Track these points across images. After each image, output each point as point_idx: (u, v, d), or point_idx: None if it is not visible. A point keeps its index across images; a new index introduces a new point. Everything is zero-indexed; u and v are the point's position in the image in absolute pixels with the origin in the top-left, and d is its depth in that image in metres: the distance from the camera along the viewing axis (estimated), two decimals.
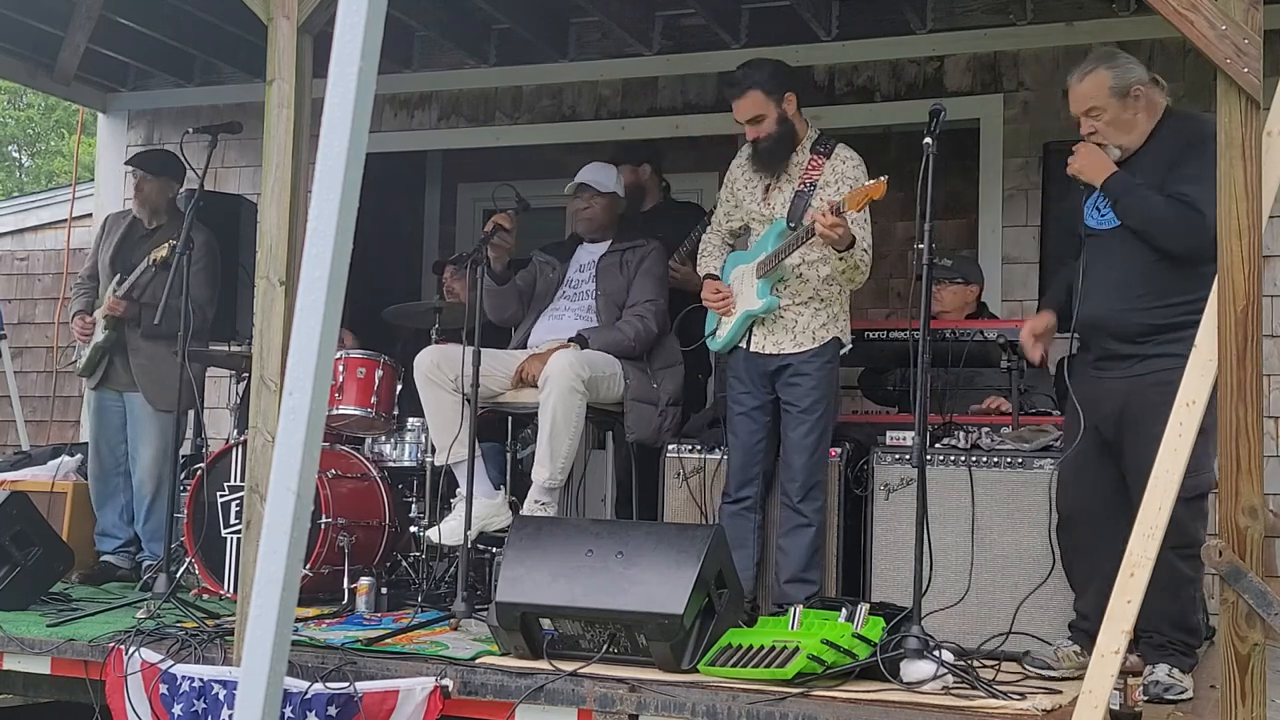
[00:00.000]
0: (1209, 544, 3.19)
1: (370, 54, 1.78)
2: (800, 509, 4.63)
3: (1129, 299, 3.85)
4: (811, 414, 4.64)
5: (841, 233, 4.35)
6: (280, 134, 4.13)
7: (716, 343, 4.86)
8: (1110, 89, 3.91)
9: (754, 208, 4.81)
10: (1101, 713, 3.10)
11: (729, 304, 4.79)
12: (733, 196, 4.91)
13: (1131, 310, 3.85)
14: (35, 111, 20.59)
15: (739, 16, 6.51)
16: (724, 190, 4.98)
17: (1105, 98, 3.92)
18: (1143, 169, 3.89)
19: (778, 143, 4.70)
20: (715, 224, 5.01)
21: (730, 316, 4.79)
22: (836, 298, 4.74)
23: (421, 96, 7.32)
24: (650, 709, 3.64)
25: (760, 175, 4.81)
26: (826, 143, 4.73)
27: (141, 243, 6.05)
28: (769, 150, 4.72)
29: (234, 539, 5.19)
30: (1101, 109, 3.93)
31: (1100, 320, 3.91)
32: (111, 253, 6.09)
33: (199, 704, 4.00)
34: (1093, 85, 3.94)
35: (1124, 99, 3.91)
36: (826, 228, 4.31)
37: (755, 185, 4.83)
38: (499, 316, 5.40)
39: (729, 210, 4.93)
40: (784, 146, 4.72)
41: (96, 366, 6.03)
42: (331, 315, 1.79)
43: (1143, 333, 3.84)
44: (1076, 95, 3.97)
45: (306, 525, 1.84)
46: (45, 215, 8.81)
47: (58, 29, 6.91)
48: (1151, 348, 3.83)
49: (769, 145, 4.71)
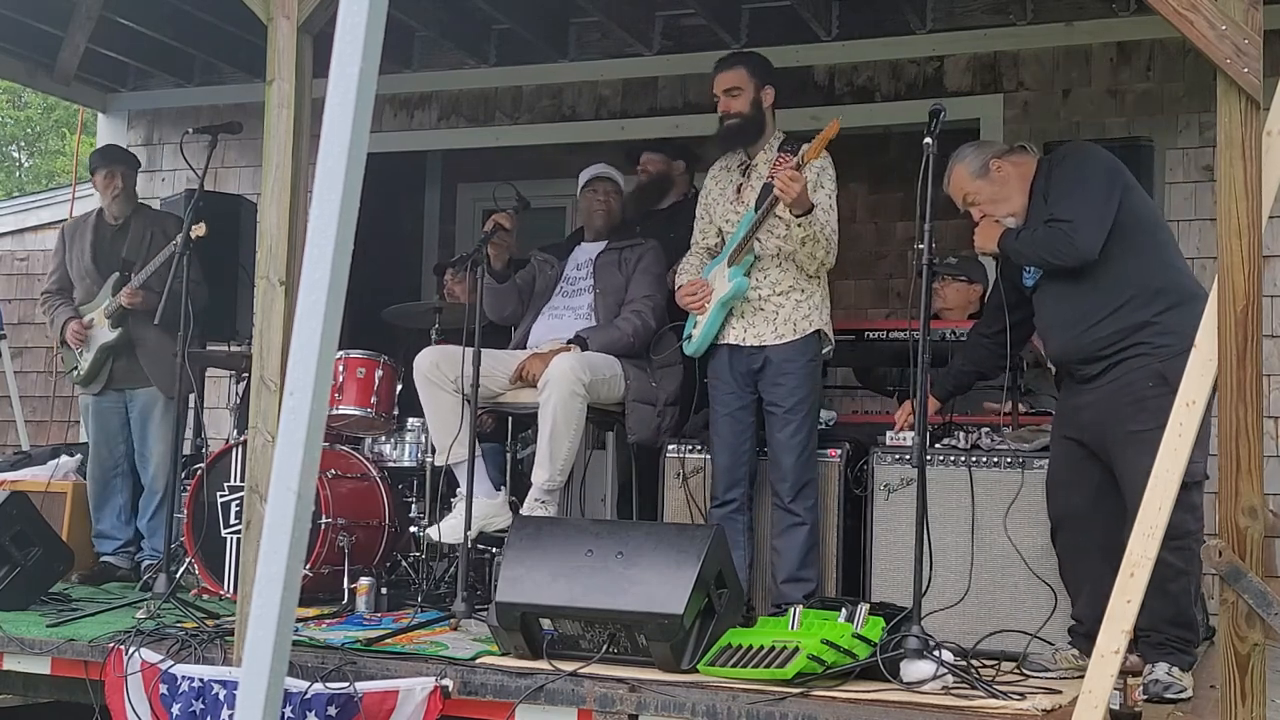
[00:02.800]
0: (1209, 544, 3.19)
1: (371, 54, 1.78)
2: (792, 508, 4.64)
3: (1077, 326, 4.04)
4: (797, 414, 4.65)
5: (799, 188, 4.41)
6: (280, 134, 4.13)
7: (693, 344, 4.85)
8: (971, 175, 4.22)
9: (728, 208, 4.84)
10: (1101, 713, 3.10)
11: (705, 296, 4.79)
12: (707, 212, 4.96)
13: (1082, 335, 4.03)
14: (35, 111, 20.59)
15: (739, 16, 6.51)
16: (699, 207, 5.02)
17: (970, 184, 4.23)
18: (1033, 219, 4.13)
19: (746, 123, 4.80)
20: (693, 244, 5.03)
21: (704, 314, 4.79)
22: (816, 287, 4.75)
23: (421, 96, 7.32)
24: (650, 709, 3.64)
25: (732, 178, 4.84)
26: (794, 144, 4.76)
27: (118, 238, 6.10)
28: (736, 128, 4.82)
29: (234, 539, 5.19)
30: (974, 193, 4.23)
31: (1064, 354, 4.16)
32: (90, 255, 6.09)
33: (199, 704, 4.00)
34: (956, 181, 4.26)
35: (986, 178, 4.21)
36: (786, 182, 4.40)
37: (728, 187, 4.88)
38: (499, 315, 5.40)
39: (704, 227, 4.98)
40: (750, 130, 4.81)
41: (99, 371, 6.02)
42: (332, 315, 1.79)
43: (1100, 348, 4.00)
44: (951, 193, 4.28)
45: (307, 525, 1.84)
46: (45, 215, 8.82)
47: (58, 29, 6.91)
48: (1114, 353, 3.97)
49: (737, 123, 4.81)
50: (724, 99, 4.82)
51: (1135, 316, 3.93)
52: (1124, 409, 3.90)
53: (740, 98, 4.79)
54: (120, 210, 6.14)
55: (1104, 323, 3.97)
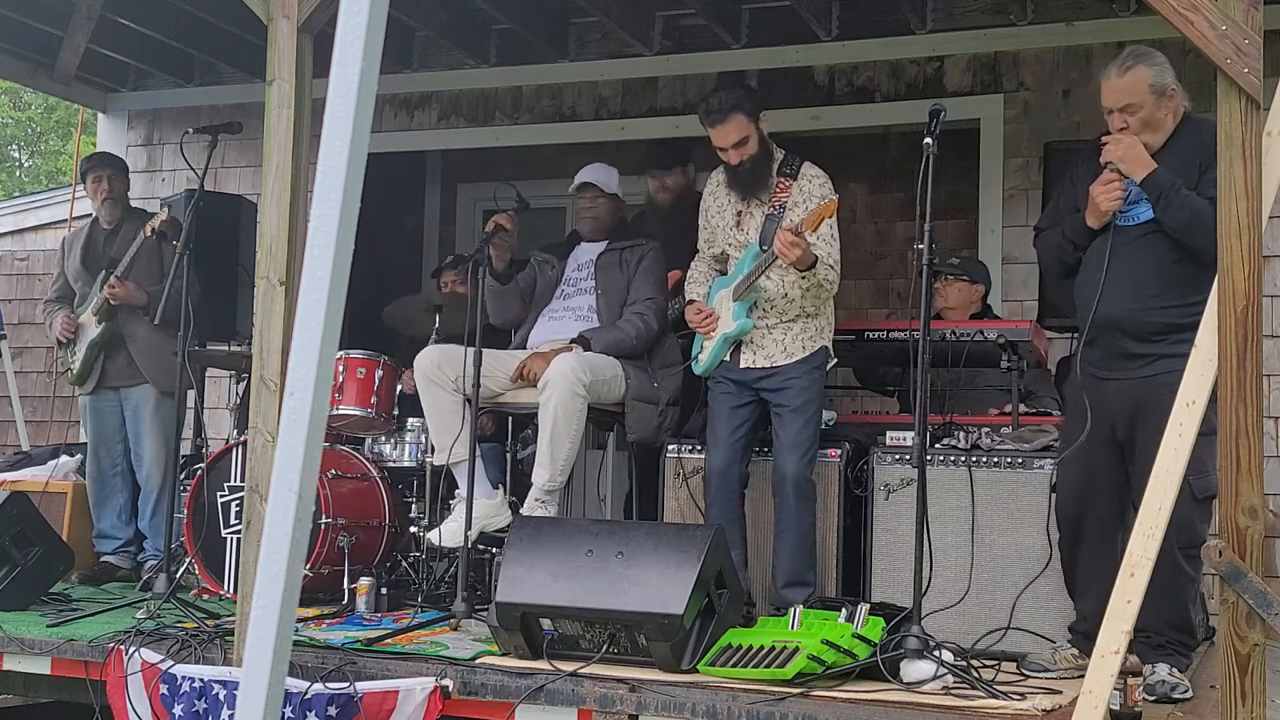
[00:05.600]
0: (1209, 544, 3.19)
1: (372, 55, 1.79)
2: (795, 509, 4.63)
3: (1147, 297, 3.83)
4: (803, 413, 4.65)
5: (800, 254, 4.41)
6: (280, 134, 4.13)
7: (699, 366, 4.87)
8: (1150, 86, 3.87)
9: (729, 234, 4.84)
10: (1101, 713, 3.10)
11: (712, 323, 4.81)
12: (708, 225, 4.94)
13: (1148, 310, 3.83)
14: (36, 111, 20.58)
15: (739, 16, 6.51)
16: (701, 216, 5.01)
17: (1144, 94, 3.86)
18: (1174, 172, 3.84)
19: (758, 164, 4.71)
20: (699, 251, 5.02)
21: (711, 340, 4.81)
22: (822, 311, 4.77)
23: (421, 96, 7.33)
24: (650, 709, 3.63)
25: (732, 200, 4.82)
26: (792, 163, 4.74)
27: (109, 240, 6.15)
28: (750, 173, 4.72)
29: (234, 539, 5.19)
30: (1139, 105, 3.87)
31: (1117, 318, 3.86)
32: (80, 259, 6.15)
33: (199, 704, 4.00)
34: (1133, 81, 3.86)
35: (1160, 98, 3.88)
36: (786, 247, 4.39)
37: (727, 212, 4.85)
38: (501, 318, 5.40)
39: (707, 237, 4.97)
40: (764, 168, 4.72)
41: (90, 369, 6.03)
42: (333, 315, 1.79)
43: (1157, 331, 3.82)
44: (1114, 89, 3.89)
45: (308, 525, 1.84)
46: (45, 215, 8.82)
47: (58, 29, 6.92)
48: (1164, 347, 3.81)
49: (750, 168, 4.71)
50: (732, 153, 4.69)
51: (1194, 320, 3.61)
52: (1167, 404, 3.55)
53: (748, 144, 4.67)
54: (111, 214, 6.19)
55: (1174, 310, 3.78)
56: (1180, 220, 3.78)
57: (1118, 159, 3.84)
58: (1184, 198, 3.77)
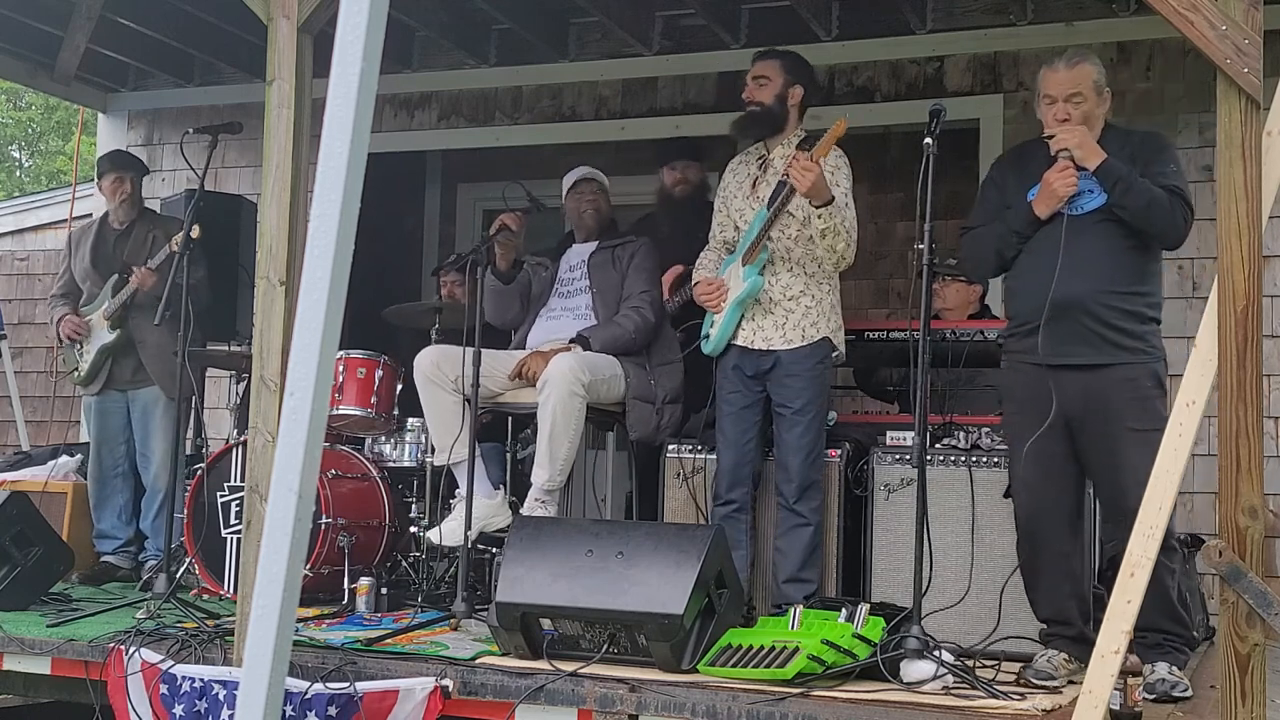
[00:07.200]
0: (1209, 544, 3.19)
1: (372, 55, 1.79)
2: (797, 509, 4.63)
3: (1106, 280, 3.88)
4: (805, 414, 4.63)
5: (814, 178, 4.38)
6: (280, 134, 4.13)
7: (710, 344, 4.84)
8: (1094, 82, 3.99)
9: (744, 203, 4.83)
10: (1101, 713, 3.10)
11: (721, 295, 4.79)
12: (725, 206, 4.94)
13: (1109, 293, 3.88)
14: (35, 112, 20.57)
15: (739, 16, 6.51)
16: (717, 201, 5.01)
17: (1088, 88, 3.97)
18: None
19: (764, 113, 4.79)
20: (711, 238, 5.01)
21: (721, 312, 4.79)
22: (827, 293, 4.73)
23: (421, 96, 7.33)
24: (650, 709, 3.63)
25: (750, 170, 4.84)
26: (812, 143, 4.74)
27: (120, 241, 6.14)
28: (755, 116, 4.82)
29: (234, 539, 5.19)
30: (1083, 98, 3.96)
31: (1080, 298, 3.86)
32: (90, 259, 6.13)
33: (200, 704, 4.00)
34: (1080, 74, 3.98)
35: (1099, 96, 4.01)
36: (799, 171, 4.38)
37: (744, 181, 4.87)
38: (501, 319, 5.40)
39: (722, 220, 4.96)
40: (765, 122, 4.80)
41: (98, 372, 6.03)
42: (333, 315, 1.79)
43: (1113, 318, 3.87)
44: (1062, 80, 3.98)
45: (308, 525, 1.84)
46: (45, 215, 8.83)
47: (58, 29, 6.92)
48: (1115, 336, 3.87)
49: (758, 112, 4.80)
50: (751, 85, 4.83)
51: (1147, 311, 3.92)
52: (1127, 404, 3.84)
53: (766, 88, 4.78)
54: (125, 215, 6.17)
55: (1130, 296, 3.88)
56: (1139, 205, 3.85)
57: (1074, 146, 3.89)
58: (1142, 183, 3.85)
